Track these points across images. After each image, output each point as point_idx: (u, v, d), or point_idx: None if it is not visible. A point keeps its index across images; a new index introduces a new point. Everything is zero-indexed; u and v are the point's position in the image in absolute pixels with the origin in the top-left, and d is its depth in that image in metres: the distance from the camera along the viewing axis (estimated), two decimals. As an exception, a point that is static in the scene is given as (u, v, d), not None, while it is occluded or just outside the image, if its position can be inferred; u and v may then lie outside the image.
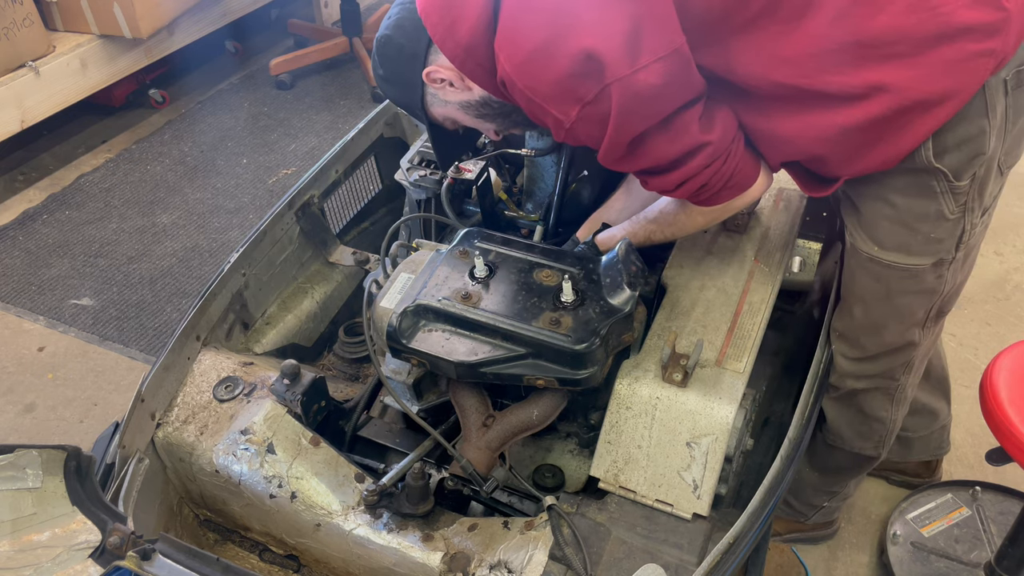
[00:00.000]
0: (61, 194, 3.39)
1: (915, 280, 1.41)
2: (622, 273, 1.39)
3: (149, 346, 2.66)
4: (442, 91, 1.37)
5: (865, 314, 1.50)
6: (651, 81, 1.14)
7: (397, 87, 1.42)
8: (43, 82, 3.29)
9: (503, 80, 1.24)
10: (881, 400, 1.64)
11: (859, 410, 1.66)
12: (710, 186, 1.31)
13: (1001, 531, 1.93)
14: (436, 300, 1.40)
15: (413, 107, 1.43)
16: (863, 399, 1.64)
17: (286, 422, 1.51)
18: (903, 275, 1.41)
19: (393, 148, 2.24)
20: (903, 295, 1.44)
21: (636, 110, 1.18)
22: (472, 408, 1.45)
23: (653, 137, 1.23)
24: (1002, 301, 2.75)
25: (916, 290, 1.43)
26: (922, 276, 1.41)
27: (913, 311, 1.47)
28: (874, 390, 1.62)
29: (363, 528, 1.40)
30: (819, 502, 1.94)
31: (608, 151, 1.26)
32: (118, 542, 1.19)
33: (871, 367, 1.57)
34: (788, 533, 2.03)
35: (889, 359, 1.56)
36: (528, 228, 1.87)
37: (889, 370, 1.58)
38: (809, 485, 1.90)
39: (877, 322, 1.50)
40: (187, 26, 3.78)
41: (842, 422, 1.70)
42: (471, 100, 1.38)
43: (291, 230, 1.92)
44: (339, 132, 3.66)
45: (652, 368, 1.41)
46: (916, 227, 1.35)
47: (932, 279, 1.42)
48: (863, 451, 1.73)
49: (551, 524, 1.32)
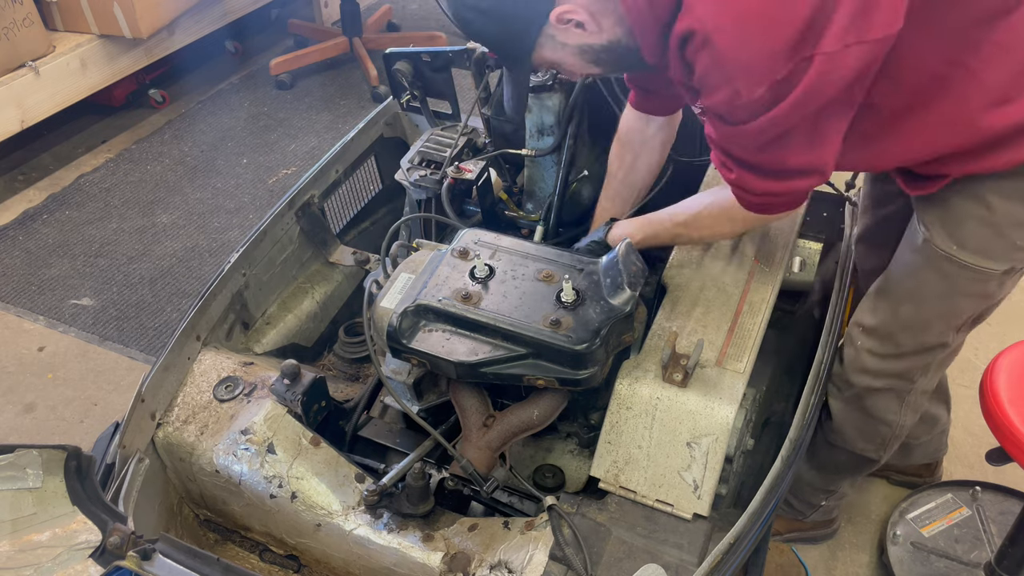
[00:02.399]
0: (61, 194, 3.39)
1: (982, 284, 1.40)
2: (622, 273, 1.39)
3: (149, 346, 2.66)
4: (564, 33, 1.25)
5: (916, 311, 1.47)
6: (851, 64, 1.07)
7: (503, 23, 1.26)
8: (43, 82, 3.29)
9: (686, 33, 1.12)
10: (891, 402, 1.62)
11: (867, 411, 1.64)
12: (785, 200, 1.30)
13: (1001, 531, 1.93)
14: (436, 300, 1.40)
15: (513, 46, 1.28)
16: (873, 400, 1.62)
17: (286, 422, 1.51)
18: (974, 277, 1.39)
19: (393, 148, 2.24)
20: (964, 297, 1.43)
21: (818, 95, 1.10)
22: (472, 408, 1.45)
23: (797, 137, 1.17)
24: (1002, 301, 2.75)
25: (977, 293, 1.42)
26: (989, 281, 1.40)
27: (962, 313, 1.46)
28: (887, 391, 1.60)
29: (363, 528, 1.40)
30: (816, 501, 1.93)
31: (741, 136, 1.19)
32: (118, 542, 1.19)
33: (896, 365, 1.55)
34: (788, 532, 2.03)
35: (916, 359, 1.54)
36: (528, 228, 1.88)
37: (910, 370, 1.56)
38: (807, 483, 1.89)
39: (925, 320, 1.48)
40: (187, 26, 3.78)
41: (847, 421, 1.69)
42: (594, 44, 1.26)
43: (291, 230, 1.92)
44: (339, 132, 3.66)
45: (652, 368, 1.41)
46: (1006, 232, 1.32)
47: (995, 286, 1.41)
48: (864, 453, 1.72)
49: (551, 524, 1.32)
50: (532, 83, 1.75)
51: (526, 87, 1.49)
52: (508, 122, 1.98)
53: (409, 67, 2.08)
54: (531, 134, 1.84)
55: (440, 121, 2.17)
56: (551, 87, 1.75)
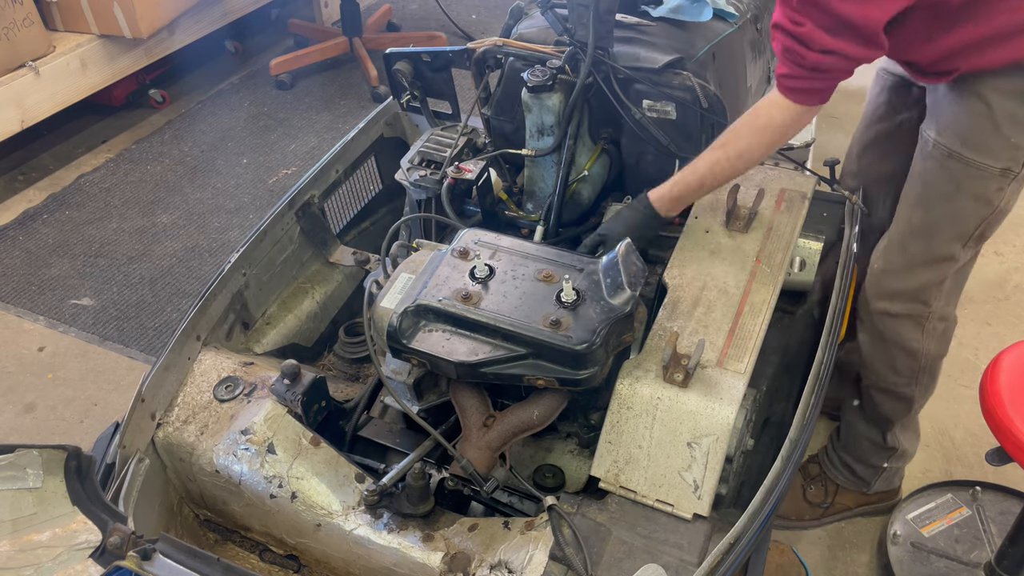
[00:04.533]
0: (61, 194, 3.39)
1: (982, 183, 1.52)
2: (622, 273, 1.39)
3: (149, 346, 2.66)
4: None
5: (925, 214, 1.60)
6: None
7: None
8: (43, 82, 3.29)
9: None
10: (911, 329, 1.71)
11: (890, 340, 1.74)
12: (828, 76, 1.37)
13: (1001, 531, 1.93)
14: (436, 300, 1.40)
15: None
16: (895, 328, 1.72)
17: (286, 422, 1.51)
18: (975, 174, 1.51)
19: (393, 148, 2.24)
20: (967, 197, 1.54)
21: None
22: (472, 408, 1.45)
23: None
24: (1002, 301, 2.75)
25: (979, 194, 1.53)
26: (987, 181, 1.51)
27: (967, 218, 1.57)
28: (904, 318, 1.70)
29: (363, 528, 1.40)
30: (879, 463, 1.99)
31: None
32: (118, 542, 1.19)
33: (910, 281, 1.66)
34: (857, 507, 2.09)
35: (928, 272, 1.65)
36: (528, 228, 1.87)
37: (924, 288, 1.66)
38: (864, 438, 1.97)
39: (934, 224, 1.60)
40: (187, 26, 3.77)
41: (875, 355, 1.79)
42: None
43: (291, 230, 1.92)
44: (339, 132, 3.66)
45: (653, 368, 1.41)
46: (1003, 129, 1.45)
47: (994, 189, 1.52)
48: (896, 387, 1.81)
49: (551, 524, 1.32)
50: (532, 83, 1.75)
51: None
52: (508, 122, 1.98)
53: (409, 67, 2.08)
54: (531, 134, 1.84)
55: (440, 121, 2.17)
56: (551, 87, 1.75)
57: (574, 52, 1.78)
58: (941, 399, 2.17)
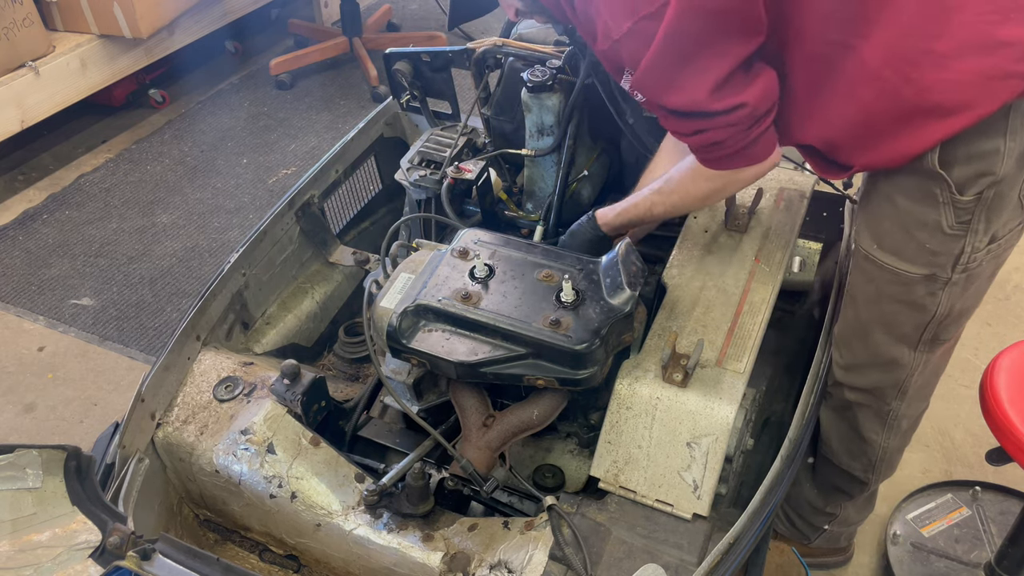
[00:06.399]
0: (61, 194, 3.39)
1: (904, 289, 1.37)
2: (622, 273, 1.39)
3: (149, 346, 2.66)
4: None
5: (856, 316, 1.48)
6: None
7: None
8: (43, 82, 3.29)
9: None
10: (872, 421, 1.60)
11: (852, 425, 1.63)
12: (726, 145, 1.26)
13: (1001, 531, 1.93)
14: (436, 300, 1.40)
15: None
16: (856, 415, 1.61)
17: (286, 422, 1.51)
18: (892, 279, 1.37)
19: (393, 148, 2.24)
20: (891, 302, 1.41)
21: (688, 29, 1.13)
22: (472, 408, 1.45)
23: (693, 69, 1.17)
24: (1002, 301, 2.75)
25: (904, 300, 1.39)
26: (912, 287, 1.36)
27: (899, 323, 1.43)
28: (867, 407, 1.59)
29: (363, 528, 1.41)
30: (819, 523, 1.90)
31: (644, 75, 1.21)
32: (118, 542, 1.19)
33: (861, 379, 1.54)
34: (804, 556, 1.95)
35: (877, 374, 1.52)
36: (528, 228, 1.87)
37: (879, 388, 1.54)
38: (807, 501, 1.87)
39: (865, 326, 1.47)
40: (187, 26, 3.77)
41: (834, 434, 1.68)
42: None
43: (291, 230, 1.92)
44: (339, 132, 3.66)
45: (652, 368, 1.41)
46: (913, 232, 1.31)
47: (923, 294, 1.37)
48: (852, 471, 1.71)
49: (551, 524, 1.32)
50: (532, 83, 1.75)
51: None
52: (508, 122, 1.98)
53: (409, 67, 2.08)
54: (531, 134, 1.84)
55: (440, 121, 2.17)
56: (551, 87, 1.76)
57: (574, 52, 1.78)
58: (941, 399, 2.16)
